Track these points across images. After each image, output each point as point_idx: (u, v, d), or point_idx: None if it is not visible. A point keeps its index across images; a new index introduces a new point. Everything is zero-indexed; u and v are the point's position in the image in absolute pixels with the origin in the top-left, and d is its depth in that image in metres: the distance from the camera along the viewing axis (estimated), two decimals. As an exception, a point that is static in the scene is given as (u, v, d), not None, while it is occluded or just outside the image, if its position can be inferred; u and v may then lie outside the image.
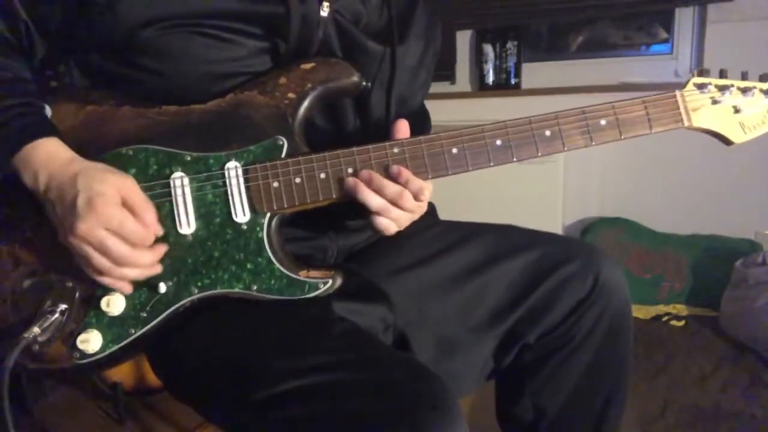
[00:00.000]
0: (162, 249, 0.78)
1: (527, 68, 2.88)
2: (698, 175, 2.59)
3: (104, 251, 0.72)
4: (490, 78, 2.91)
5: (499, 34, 2.87)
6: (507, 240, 0.95)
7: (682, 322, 2.36)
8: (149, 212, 0.75)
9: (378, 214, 0.79)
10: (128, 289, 0.77)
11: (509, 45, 2.86)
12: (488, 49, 2.90)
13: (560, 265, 0.90)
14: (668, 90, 0.85)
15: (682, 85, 0.86)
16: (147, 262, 0.76)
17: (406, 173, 0.79)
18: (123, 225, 0.72)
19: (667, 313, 2.43)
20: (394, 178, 0.79)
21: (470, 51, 2.98)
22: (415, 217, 0.84)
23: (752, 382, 1.89)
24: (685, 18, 2.62)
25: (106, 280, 0.75)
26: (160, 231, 0.77)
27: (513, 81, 2.87)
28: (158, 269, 0.77)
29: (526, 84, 2.88)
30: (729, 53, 2.44)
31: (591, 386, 0.92)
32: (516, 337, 0.91)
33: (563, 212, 2.77)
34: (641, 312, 2.44)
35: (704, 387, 1.88)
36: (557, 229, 2.73)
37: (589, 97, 2.68)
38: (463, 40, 2.97)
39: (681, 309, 2.46)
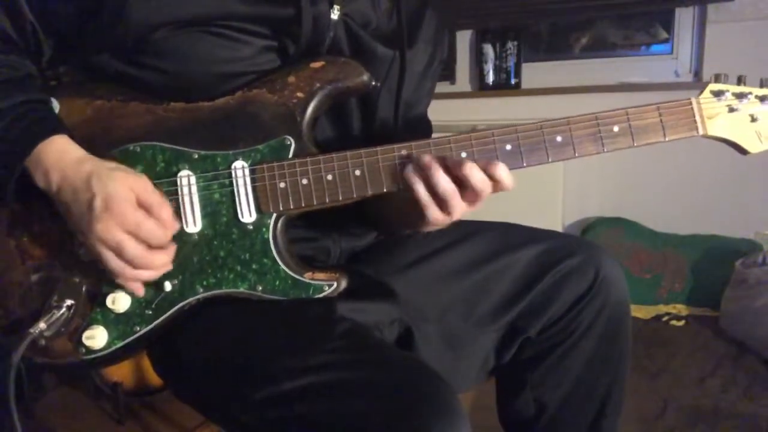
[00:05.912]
0: (174, 248, 0.77)
1: (527, 68, 2.88)
2: (698, 175, 2.60)
3: (120, 253, 0.72)
4: (490, 78, 2.91)
5: (499, 34, 2.87)
6: (509, 236, 0.96)
7: (682, 322, 2.37)
8: (165, 209, 0.74)
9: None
10: (140, 291, 0.76)
11: (509, 45, 2.86)
12: (488, 49, 2.90)
13: (561, 260, 0.91)
14: (668, 90, 0.84)
15: (696, 91, 0.83)
16: (161, 263, 0.75)
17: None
18: (140, 226, 0.72)
19: (667, 313, 2.43)
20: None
21: (470, 51, 2.98)
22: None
23: (752, 382, 1.89)
24: (685, 18, 2.62)
25: (119, 281, 0.75)
26: (177, 225, 0.76)
27: (513, 81, 2.88)
28: (170, 267, 0.77)
29: (526, 84, 2.88)
30: (729, 53, 2.44)
31: (591, 379, 0.92)
32: (517, 331, 0.92)
33: (563, 212, 2.77)
34: (641, 312, 2.44)
35: (704, 387, 1.88)
36: (557, 228, 2.72)
37: (589, 97, 2.70)
38: (463, 40, 2.97)
39: (681, 309, 2.46)
